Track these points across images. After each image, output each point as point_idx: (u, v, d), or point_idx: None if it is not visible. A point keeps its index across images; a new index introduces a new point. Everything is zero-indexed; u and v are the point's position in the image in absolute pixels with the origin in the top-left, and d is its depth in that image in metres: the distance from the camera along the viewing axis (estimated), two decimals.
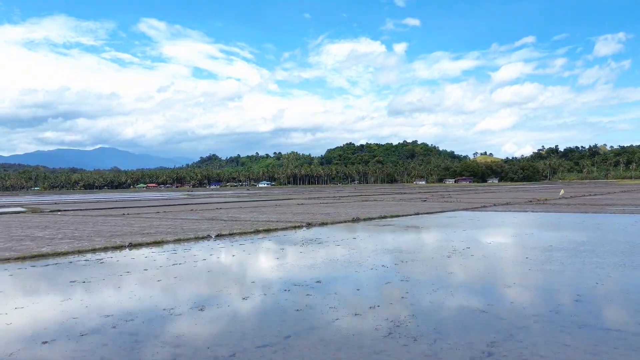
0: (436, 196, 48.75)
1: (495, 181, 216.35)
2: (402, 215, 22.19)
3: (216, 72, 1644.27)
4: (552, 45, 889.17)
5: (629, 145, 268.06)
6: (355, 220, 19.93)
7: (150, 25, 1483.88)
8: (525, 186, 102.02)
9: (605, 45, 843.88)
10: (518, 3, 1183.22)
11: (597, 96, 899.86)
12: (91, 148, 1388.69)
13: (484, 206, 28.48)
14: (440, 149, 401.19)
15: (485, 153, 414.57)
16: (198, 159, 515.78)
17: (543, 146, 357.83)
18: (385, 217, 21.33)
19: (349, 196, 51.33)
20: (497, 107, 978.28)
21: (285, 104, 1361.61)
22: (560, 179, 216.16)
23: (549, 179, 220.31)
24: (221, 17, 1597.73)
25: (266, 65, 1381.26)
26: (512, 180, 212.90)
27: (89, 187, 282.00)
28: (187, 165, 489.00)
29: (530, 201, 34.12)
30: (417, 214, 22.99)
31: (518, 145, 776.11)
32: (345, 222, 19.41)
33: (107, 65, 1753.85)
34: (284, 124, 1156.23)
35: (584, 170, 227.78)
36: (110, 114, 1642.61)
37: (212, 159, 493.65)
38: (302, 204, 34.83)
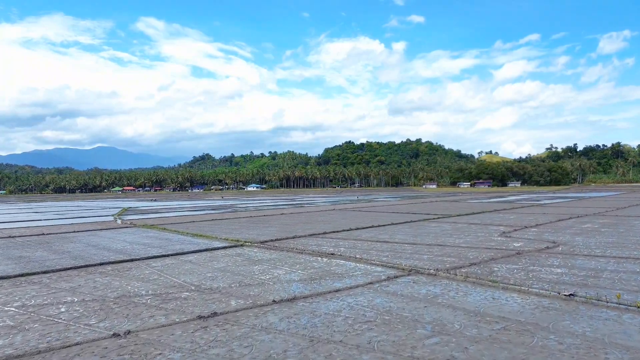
0: (521, 232, 14.62)
1: (517, 185, 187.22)
2: None
3: (215, 71, 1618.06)
4: (556, 43, 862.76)
5: None
6: None
7: (149, 24, 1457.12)
8: (580, 193, 52.32)
9: (610, 43, 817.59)
10: (523, 1, 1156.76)
11: (598, 94, 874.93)
12: (89, 147, 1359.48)
13: None
14: (446, 147, 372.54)
15: (491, 152, 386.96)
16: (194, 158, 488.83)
17: (552, 144, 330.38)
18: None
19: (344, 234, 18.44)
20: (497, 105, 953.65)
21: (285, 103, 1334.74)
22: (593, 182, 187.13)
23: (579, 183, 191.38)
24: (220, 16, 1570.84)
25: (265, 64, 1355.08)
26: (537, 183, 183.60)
27: (60, 190, 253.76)
28: (179, 164, 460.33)
29: None
30: None
31: (517, 144, 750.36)
32: None
33: (106, 64, 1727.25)
34: (284, 122, 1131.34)
35: (619, 172, 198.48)
36: (110, 112, 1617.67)
37: (206, 158, 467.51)
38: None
